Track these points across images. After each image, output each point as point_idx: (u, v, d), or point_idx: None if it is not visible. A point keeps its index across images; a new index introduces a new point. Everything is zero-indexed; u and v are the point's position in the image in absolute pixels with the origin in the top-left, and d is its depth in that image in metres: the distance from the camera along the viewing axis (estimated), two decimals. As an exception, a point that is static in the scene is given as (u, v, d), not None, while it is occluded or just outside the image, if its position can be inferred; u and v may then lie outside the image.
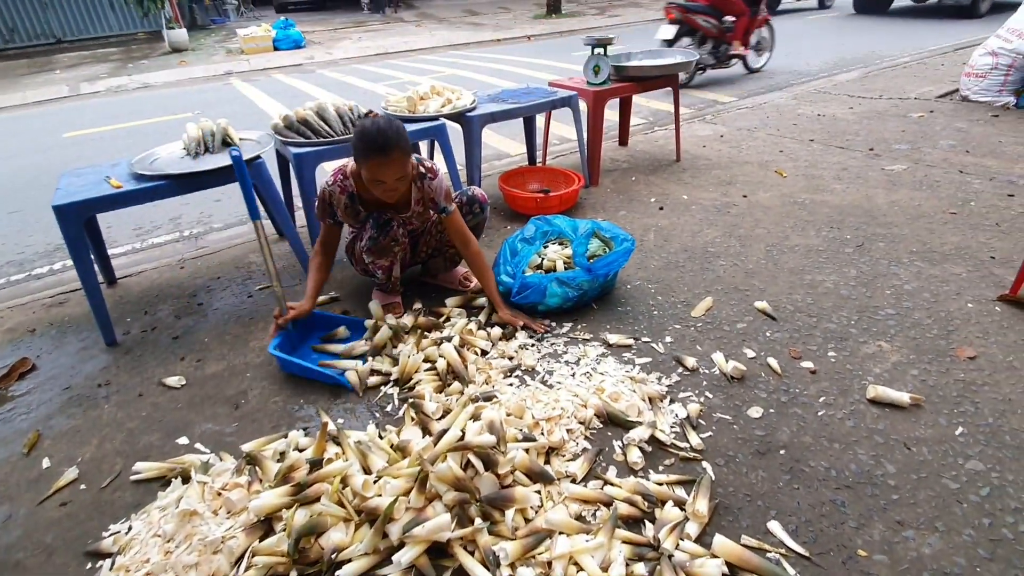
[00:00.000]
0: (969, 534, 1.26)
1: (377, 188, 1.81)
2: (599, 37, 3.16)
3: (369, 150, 1.70)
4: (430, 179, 1.95)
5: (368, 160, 1.72)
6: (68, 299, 2.49)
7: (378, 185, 1.79)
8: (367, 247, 2.00)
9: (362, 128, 1.72)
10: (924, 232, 2.56)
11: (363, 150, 1.72)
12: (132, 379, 1.93)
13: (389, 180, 1.76)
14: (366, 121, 1.73)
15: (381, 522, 1.22)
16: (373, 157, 1.71)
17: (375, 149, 1.70)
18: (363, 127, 1.72)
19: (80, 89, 8.13)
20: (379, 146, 1.70)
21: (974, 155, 3.44)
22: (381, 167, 1.73)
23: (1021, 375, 1.70)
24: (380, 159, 1.71)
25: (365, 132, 1.71)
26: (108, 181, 2.09)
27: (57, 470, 1.57)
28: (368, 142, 1.70)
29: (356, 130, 1.74)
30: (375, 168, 1.73)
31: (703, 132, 4.26)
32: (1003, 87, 4.33)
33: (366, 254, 2.02)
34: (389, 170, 1.74)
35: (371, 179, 1.78)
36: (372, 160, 1.72)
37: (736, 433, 1.55)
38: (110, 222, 3.35)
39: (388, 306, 2.14)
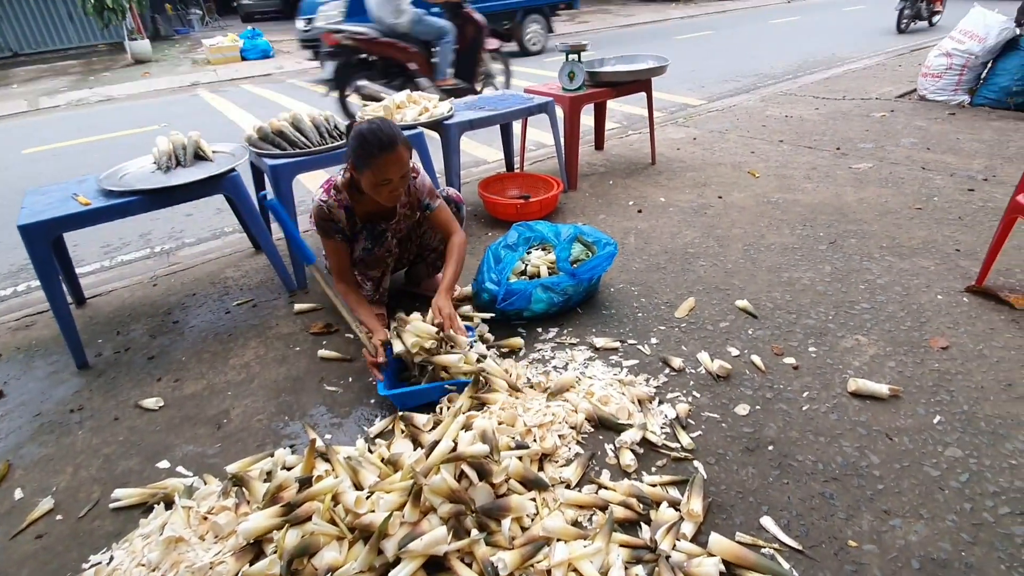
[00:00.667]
0: (952, 519, 1.30)
1: (383, 191, 1.73)
2: (573, 44, 3.20)
3: (375, 148, 1.65)
4: (414, 178, 1.93)
5: (376, 159, 1.66)
6: (35, 321, 2.39)
7: (384, 187, 1.72)
8: (360, 258, 1.95)
9: (359, 132, 1.67)
10: (892, 227, 2.64)
11: (367, 152, 1.66)
12: (107, 403, 1.86)
13: (396, 177, 1.71)
14: (360, 126, 1.69)
15: (376, 538, 1.20)
16: (381, 155, 1.65)
17: (381, 146, 1.65)
18: (360, 132, 1.67)
19: (39, 103, 7.86)
20: (385, 143, 1.65)
21: (934, 152, 3.58)
22: (389, 164, 1.67)
23: (991, 363, 1.76)
24: (388, 155, 1.66)
25: (364, 135, 1.66)
26: (76, 198, 2.02)
27: (31, 501, 1.50)
28: (372, 142, 1.65)
29: (353, 137, 1.69)
30: (383, 167, 1.67)
31: (676, 135, 4.33)
32: (958, 86, 4.52)
33: (357, 265, 1.98)
34: (396, 166, 1.69)
35: (377, 181, 1.70)
36: (381, 158, 1.65)
37: (725, 431, 1.57)
38: (76, 240, 3.23)
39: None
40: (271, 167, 2.29)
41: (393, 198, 1.78)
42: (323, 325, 2.17)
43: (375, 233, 1.93)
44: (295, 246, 1.54)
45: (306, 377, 1.91)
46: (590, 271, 2.06)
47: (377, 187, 1.72)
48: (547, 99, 3.15)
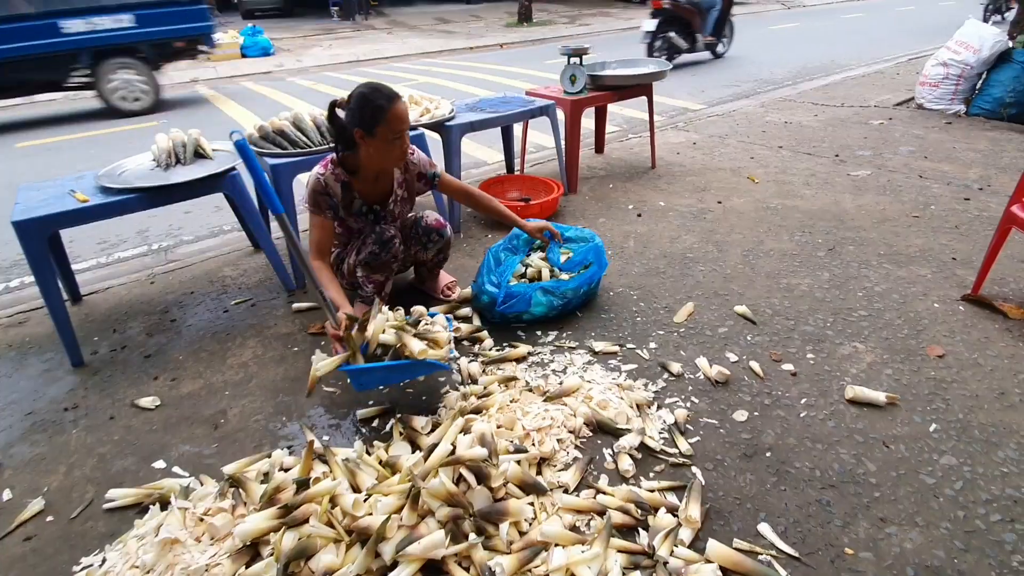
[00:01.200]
0: (946, 527, 1.30)
1: (396, 146, 1.78)
2: (575, 47, 3.20)
3: (384, 101, 1.71)
4: (411, 156, 1.99)
5: (387, 111, 1.71)
6: (28, 318, 2.38)
7: (396, 141, 1.76)
8: (365, 261, 1.94)
9: (361, 95, 1.73)
10: (890, 235, 2.66)
11: (377, 107, 1.71)
12: (102, 401, 1.84)
13: (405, 128, 1.77)
14: (359, 88, 1.75)
15: (373, 542, 1.19)
16: (391, 105, 1.71)
17: (389, 98, 1.72)
18: (361, 94, 1.73)
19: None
20: (390, 94, 1.73)
21: (931, 160, 3.60)
22: (400, 114, 1.72)
23: (985, 371, 1.77)
24: (397, 105, 1.72)
25: (367, 94, 1.72)
26: (73, 195, 2.01)
27: (20, 502, 1.48)
28: (379, 97, 1.71)
29: (356, 101, 1.74)
30: (397, 117, 1.72)
31: (676, 139, 4.35)
32: (954, 96, 4.56)
33: (361, 268, 1.97)
34: (404, 116, 1.74)
35: (392, 134, 1.74)
36: (391, 108, 1.71)
37: (723, 437, 1.58)
38: (73, 236, 3.21)
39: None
40: (272, 166, 2.28)
41: (403, 153, 1.83)
42: (321, 325, 2.16)
43: (383, 238, 1.92)
44: (264, 193, 1.50)
45: (304, 377, 1.89)
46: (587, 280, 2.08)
47: (391, 142, 1.76)
48: (548, 102, 3.15)
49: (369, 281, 2.01)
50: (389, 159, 1.83)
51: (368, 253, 1.93)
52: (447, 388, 1.79)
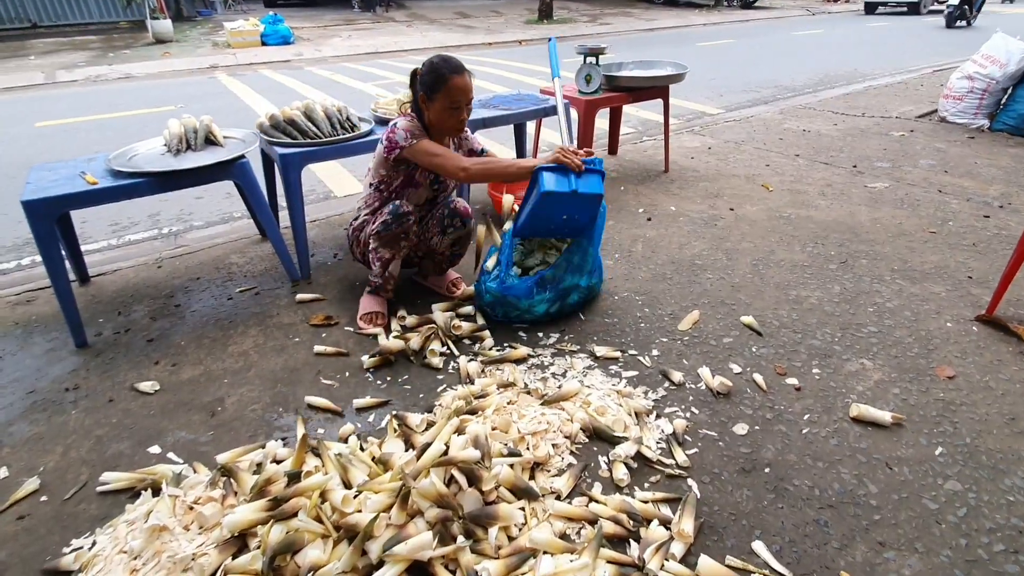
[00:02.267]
0: (947, 555, 1.27)
1: (454, 117, 1.90)
2: (591, 46, 3.17)
3: (448, 71, 1.84)
4: (467, 130, 2.16)
5: (449, 82, 1.84)
6: (36, 297, 2.40)
7: (455, 113, 1.89)
8: (378, 231, 1.98)
9: (430, 62, 1.88)
10: (905, 250, 2.60)
11: (441, 75, 1.84)
12: (102, 383, 1.85)
13: (465, 101, 1.89)
14: (431, 58, 1.90)
15: (360, 540, 1.18)
16: (454, 77, 1.84)
17: (453, 69, 1.85)
18: (431, 61, 1.88)
19: (56, 77, 7.91)
20: (456, 66, 1.87)
21: (952, 175, 3.53)
22: (461, 86, 1.85)
23: (996, 395, 1.73)
24: (459, 77, 1.85)
25: (436, 62, 1.87)
26: (83, 177, 2.02)
27: (16, 480, 1.49)
28: (445, 67, 1.85)
29: (425, 67, 1.88)
30: (459, 89, 1.85)
31: (691, 143, 4.29)
32: (978, 110, 4.46)
33: (373, 239, 2.01)
34: (468, 89, 1.88)
35: (452, 104, 1.87)
36: (454, 80, 1.84)
37: (722, 450, 1.55)
38: (85, 217, 3.25)
39: (370, 315, 2.09)
40: (281, 156, 2.28)
41: (462, 124, 1.95)
42: (324, 316, 2.16)
43: (399, 212, 1.95)
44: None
45: (303, 369, 1.90)
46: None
47: (448, 111, 1.88)
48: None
49: (377, 258, 2.03)
50: (446, 126, 1.94)
51: (381, 223, 1.97)
52: (444, 387, 1.78)
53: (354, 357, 1.94)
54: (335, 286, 2.40)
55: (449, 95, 1.86)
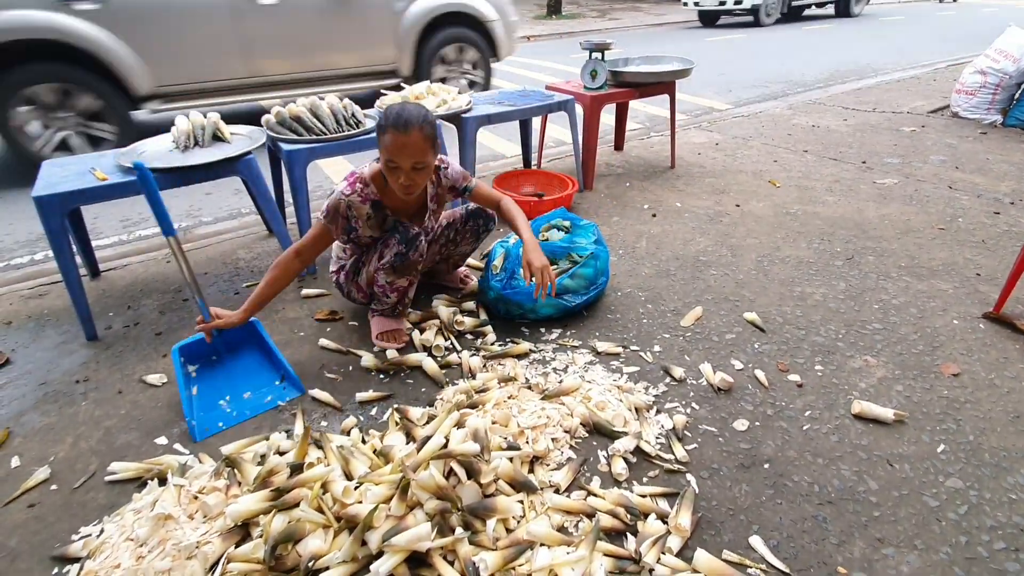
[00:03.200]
0: (946, 552, 1.26)
1: (393, 176, 1.64)
2: (597, 42, 3.16)
3: (388, 124, 1.58)
4: (444, 168, 1.89)
5: (385, 135, 1.59)
6: (49, 291, 2.44)
7: (393, 172, 1.63)
8: (391, 264, 1.80)
9: (387, 107, 1.64)
10: (913, 247, 2.57)
11: (383, 125, 1.60)
12: (112, 376, 1.89)
13: (405, 164, 1.60)
14: (393, 104, 1.67)
15: (360, 530, 1.20)
16: (391, 132, 1.57)
17: (395, 124, 1.57)
18: (387, 107, 1.64)
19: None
20: (399, 122, 1.56)
21: (963, 171, 3.48)
22: (399, 146, 1.57)
23: (1002, 393, 1.71)
24: (397, 135, 1.57)
25: (389, 108, 1.62)
26: (93, 172, 2.05)
27: (27, 470, 1.53)
28: (390, 116, 1.58)
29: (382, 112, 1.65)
30: (392, 147, 1.58)
31: (699, 139, 4.27)
32: (991, 105, 4.39)
33: (385, 274, 1.82)
34: (407, 151, 1.58)
35: (387, 162, 1.63)
36: (388, 136, 1.58)
37: (721, 445, 1.55)
38: (97, 212, 3.30)
39: (389, 334, 1.97)
40: (287, 152, 2.30)
41: (403, 188, 1.66)
42: (328, 312, 2.18)
43: (408, 236, 1.79)
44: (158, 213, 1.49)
45: (307, 363, 1.92)
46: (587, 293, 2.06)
47: (387, 168, 1.64)
48: (567, 97, 3.12)
49: (392, 289, 1.87)
50: (390, 182, 1.68)
51: (394, 255, 1.79)
52: (447, 381, 1.80)
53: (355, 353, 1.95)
54: (340, 282, 2.42)
55: (385, 151, 1.61)
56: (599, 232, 2.22)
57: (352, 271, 1.95)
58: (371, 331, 2.01)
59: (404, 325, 2.02)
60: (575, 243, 2.14)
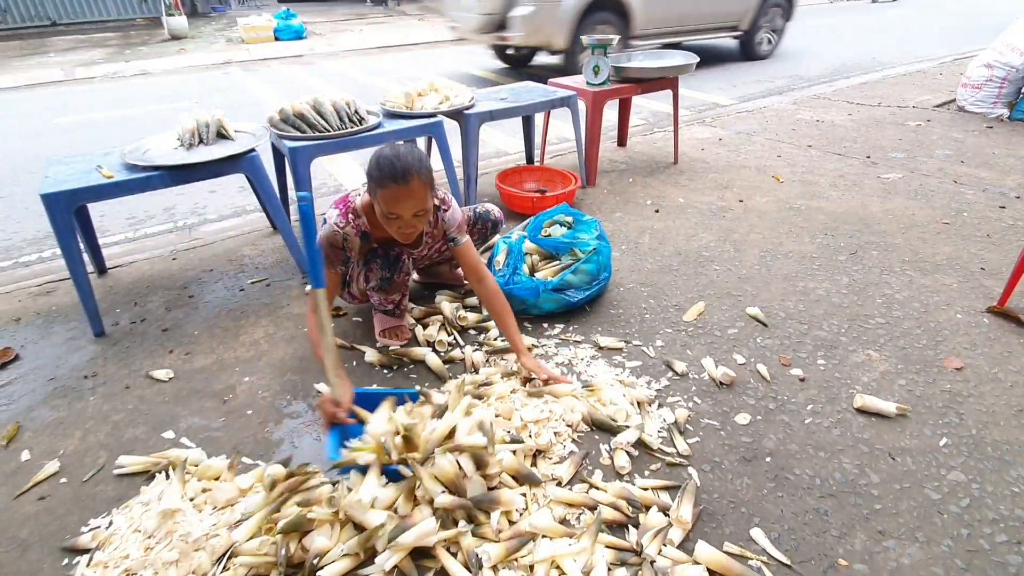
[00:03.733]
0: (948, 545, 1.27)
1: (392, 225, 1.57)
2: (600, 37, 3.15)
3: (385, 177, 1.48)
4: (444, 211, 1.77)
5: (383, 188, 1.50)
6: (56, 288, 2.47)
7: (393, 221, 1.55)
8: (377, 286, 1.82)
9: (378, 154, 1.53)
10: (917, 241, 2.57)
11: (378, 178, 1.50)
12: (119, 371, 1.91)
13: (406, 213, 1.53)
14: (382, 149, 1.55)
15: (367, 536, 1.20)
16: (389, 185, 1.48)
17: (394, 176, 1.47)
18: (379, 153, 1.53)
19: (75, 74, 8.06)
20: (398, 173, 1.47)
21: (968, 166, 3.46)
22: (398, 198, 1.50)
23: (1005, 387, 1.71)
24: (398, 188, 1.48)
25: (381, 157, 1.51)
26: (99, 170, 2.07)
27: (37, 463, 1.55)
28: (384, 168, 1.48)
29: (372, 157, 1.54)
30: (391, 200, 1.50)
31: (702, 135, 4.26)
32: (998, 99, 4.35)
33: (374, 292, 1.86)
34: (408, 202, 1.51)
35: (385, 213, 1.54)
36: (388, 188, 1.49)
37: (723, 439, 1.56)
38: (103, 211, 3.33)
39: (392, 331, 1.99)
40: (290, 149, 2.32)
41: (404, 236, 1.61)
42: (332, 308, 2.19)
43: (389, 260, 1.78)
44: (311, 257, 1.34)
45: (312, 357, 1.93)
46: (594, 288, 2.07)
47: (386, 219, 1.57)
48: (570, 93, 3.11)
49: (387, 302, 1.91)
50: (388, 230, 1.61)
51: (379, 280, 1.80)
52: (450, 376, 1.81)
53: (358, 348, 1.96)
54: (344, 278, 2.43)
55: (384, 204, 1.53)
56: (601, 228, 2.22)
57: (342, 283, 1.91)
58: (374, 328, 2.03)
59: (407, 322, 2.04)
60: (577, 239, 2.15)
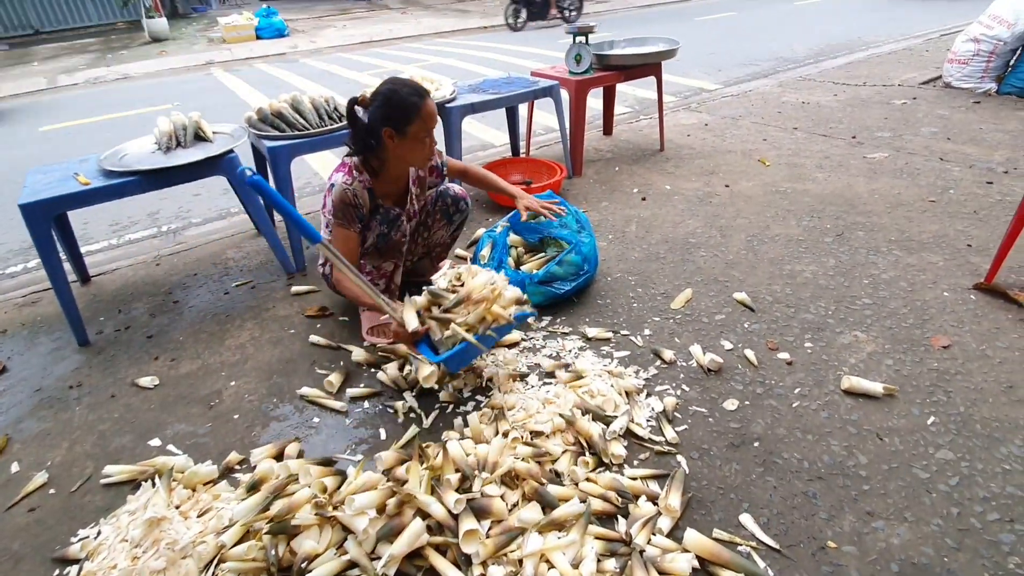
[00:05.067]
0: (937, 524, 1.27)
1: (421, 147, 1.71)
2: (580, 25, 3.12)
3: (410, 101, 1.63)
4: None
5: (414, 112, 1.63)
6: (41, 298, 2.45)
7: (423, 142, 1.70)
8: (374, 246, 1.83)
9: (388, 93, 1.65)
10: (903, 221, 2.56)
11: (408, 105, 1.63)
12: (104, 380, 1.90)
13: (434, 125, 1.70)
14: (384, 85, 1.67)
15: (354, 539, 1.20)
16: (418, 104, 1.63)
17: (417, 93, 1.64)
18: (391, 88, 1.65)
19: (58, 81, 7.96)
20: (418, 90, 1.65)
21: (955, 142, 3.45)
22: (430, 112, 1.66)
23: (993, 364, 1.71)
24: (425, 104, 1.65)
25: (397, 91, 1.64)
26: (76, 178, 2.04)
27: (26, 474, 1.54)
28: (410, 94, 1.64)
29: (383, 99, 1.65)
30: (426, 116, 1.65)
31: (688, 121, 4.24)
32: (985, 73, 4.34)
33: (370, 258, 1.87)
34: (434, 115, 1.69)
35: (419, 135, 1.67)
36: (419, 108, 1.63)
37: (711, 426, 1.55)
38: (87, 218, 3.29)
39: (379, 328, 1.97)
40: (270, 149, 2.29)
41: (431, 152, 1.75)
42: (318, 308, 2.18)
43: (389, 217, 1.81)
44: (296, 224, 1.43)
45: (299, 359, 1.92)
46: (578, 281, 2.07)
47: (420, 142, 1.69)
48: (552, 82, 3.09)
49: (379, 275, 1.90)
50: (418, 158, 1.75)
51: (377, 236, 1.81)
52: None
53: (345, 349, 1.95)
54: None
55: (426, 123, 1.66)
56: (586, 219, 2.21)
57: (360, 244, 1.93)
58: (361, 326, 2.01)
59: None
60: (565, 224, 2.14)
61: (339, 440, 1.59)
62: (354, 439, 1.59)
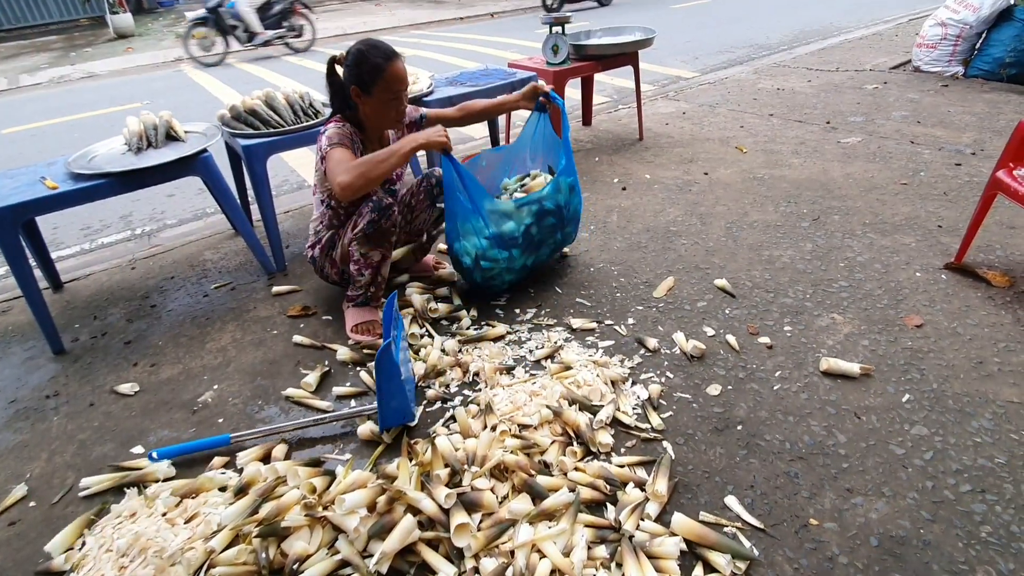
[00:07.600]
0: (913, 497, 1.31)
1: (393, 108, 1.75)
2: (557, 16, 3.11)
3: (380, 61, 1.67)
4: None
5: (383, 72, 1.67)
6: (12, 307, 2.38)
7: (394, 101, 1.74)
8: (365, 232, 1.80)
9: (358, 52, 1.69)
10: (876, 204, 2.62)
11: (376, 65, 1.67)
12: (82, 388, 1.86)
13: (404, 87, 1.73)
14: (357, 44, 1.71)
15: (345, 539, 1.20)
16: (389, 63, 1.67)
17: (386, 55, 1.68)
18: (359, 48, 1.69)
19: (20, 81, 7.69)
20: (389, 51, 1.69)
21: (924, 125, 3.53)
22: (400, 72, 1.70)
23: (964, 340, 1.77)
24: (395, 63, 1.68)
25: (365, 51, 1.68)
26: (43, 182, 1.99)
27: (4, 488, 1.51)
28: (377, 54, 1.67)
29: (353, 59, 1.69)
30: (395, 77, 1.69)
31: (666, 109, 4.26)
32: (952, 57, 4.44)
33: (359, 245, 1.83)
34: (404, 75, 1.72)
35: (391, 93, 1.72)
36: (389, 67, 1.67)
37: (696, 411, 1.58)
38: (57, 223, 3.20)
39: (364, 325, 1.95)
40: (244, 147, 2.25)
41: (401, 114, 1.79)
42: (300, 308, 2.16)
43: (381, 205, 1.79)
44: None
45: (282, 360, 1.90)
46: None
47: (387, 103, 1.73)
48: (530, 74, 3.08)
49: (367, 264, 1.87)
50: (385, 121, 1.80)
51: (367, 223, 1.79)
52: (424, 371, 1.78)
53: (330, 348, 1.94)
54: (311, 276, 2.39)
55: (389, 85, 1.70)
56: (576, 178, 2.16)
57: (327, 245, 1.96)
58: (345, 324, 2.00)
59: (378, 316, 2.00)
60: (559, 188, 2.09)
61: (326, 440, 1.58)
62: (341, 438, 1.58)
